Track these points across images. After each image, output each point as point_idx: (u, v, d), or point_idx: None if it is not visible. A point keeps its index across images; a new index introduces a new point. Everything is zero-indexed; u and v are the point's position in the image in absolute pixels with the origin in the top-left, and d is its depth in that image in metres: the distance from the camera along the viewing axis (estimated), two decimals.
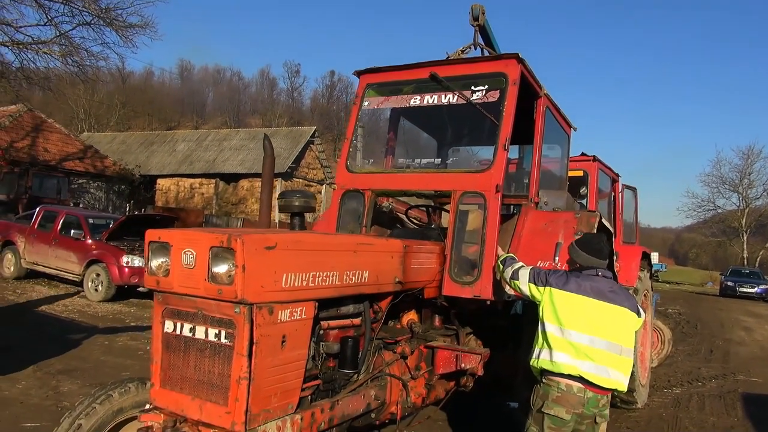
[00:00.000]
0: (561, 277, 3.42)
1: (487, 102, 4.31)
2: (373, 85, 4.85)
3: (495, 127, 4.23)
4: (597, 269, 3.44)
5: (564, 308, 3.31)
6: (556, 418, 3.21)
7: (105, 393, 3.12)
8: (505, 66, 4.30)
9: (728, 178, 47.87)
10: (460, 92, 4.37)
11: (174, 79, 77.50)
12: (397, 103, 4.80)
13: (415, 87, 4.63)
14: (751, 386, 8.23)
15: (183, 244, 2.62)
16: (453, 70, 4.50)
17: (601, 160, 7.03)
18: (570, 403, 3.21)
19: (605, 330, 3.26)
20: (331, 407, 3.09)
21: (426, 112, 4.90)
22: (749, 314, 19.14)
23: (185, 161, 33.83)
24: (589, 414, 3.24)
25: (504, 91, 4.23)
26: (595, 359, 3.21)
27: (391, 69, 4.75)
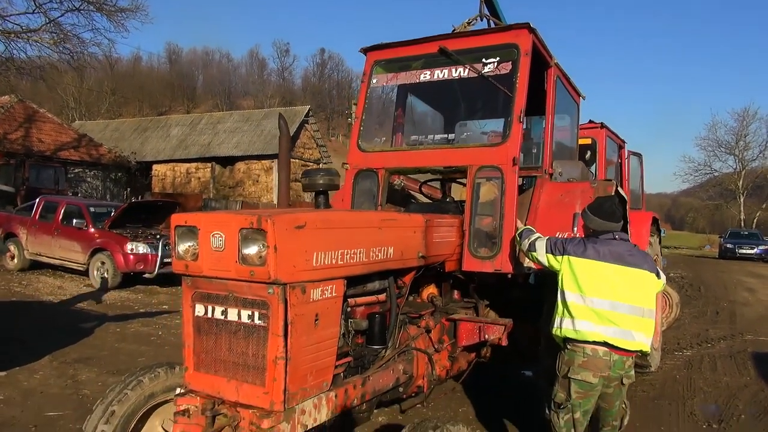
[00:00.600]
0: (578, 244, 3.41)
1: (499, 74, 4.24)
2: (381, 62, 4.77)
3: (507, 99, 4.17)
4: (613, 233, 3.43)
5: (584, 275, 3.31)
6: (583, 382, 3.25)
7: (136, 379, 3.13)
8: (516, 37, 4.23)
9: (724, 141, 48.01)
10: (472, 65, 4.29)
11: (162, 63, 76.70)
12: (406, 79, 4.72)
13: (424, 62, 4.55)
14: (760, 346, 8.32)
15: (211, 227, 2.59)
16: (462, 43, 4.42)
17: (609, 127, 7.00)
18: (597, 367, 3.24)
19: (627, 293, 3.27)
20: (362, 383, 3.10)
21: (434, 88, 4.82)
22: (751, 275, 19.30)
23: (180, 146, 33.62)
24: (615, 376, 3.28)
25: (516, 63, 4.17)
26: (619, 323, 3.23)
27: (399, 45, 4.67)
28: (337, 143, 67.88)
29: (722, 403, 5.64)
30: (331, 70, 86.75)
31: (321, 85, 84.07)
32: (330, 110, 77.81)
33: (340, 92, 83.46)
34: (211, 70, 79.23)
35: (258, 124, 33.33)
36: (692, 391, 6.01)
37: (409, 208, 4.63)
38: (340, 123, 73.81)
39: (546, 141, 4.55)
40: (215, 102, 69.80)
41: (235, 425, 2.56)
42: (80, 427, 4.36)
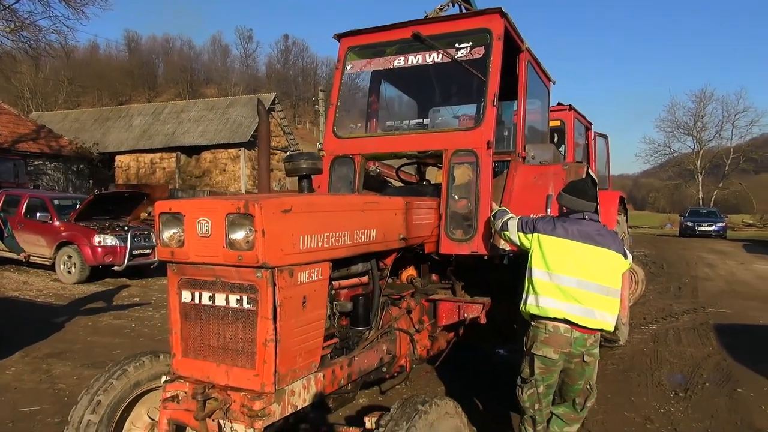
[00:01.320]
0: (548, 222, 3.51)
1: (472, 59, 4.30)
2: (355, 48, 4.77)
3: (481, 83, 4.23)
4: (584, 213, 3.52)
5: (552, 253, 3.40)
6: (545, 358, 3.37)
7: (120, 368, 3.12)
8: (488, 21, 4.28)
9: (683, 122, 49.48)
10: (445, 50, 4.34)
11: (121, 51, 74.66)
12: (380, 65, 4.74)
13: (398, 48, 4.58)
14: (721, 318, 8.68)
15: (197, 213, 2.60)
16: (436, 29, 4.45)
17: (577, 109, 7.15)
18: (558, 344, 3.35)
19: (593, 272, 3.36)
20: (349, 363, 3.16)
21: (408, 73, 4.86)
22: (711, 251, 20.00)
23: (143, 136, 32.93)
24: (576, 353, 3.39)
25: (489, 47, 4.22)
26: (583, 301, 3.32)
27: (372, 30, 4.68)
28: (304, 130, 67.35)
29: (687, 372, 5.90)
30: (296, 57, 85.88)
31: (286, 72, 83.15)
32: (296, 97, 77.02)
33: (305, 79, 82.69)
34: (172, 58, 77.46)
35: (223, 113, 32.83)
36: (659, 362, 6.26)
37: (387, 192, 4.68)
38: (306, 110, 73.19)
39: (519, 125, 4.65)
40: (178, 90, 68.35)
41: (226, 408, 2.58)
42: (59, 420, 4.38)
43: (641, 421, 4.60)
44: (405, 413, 2.57)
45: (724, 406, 4.94)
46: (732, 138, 48.59)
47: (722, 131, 48.68)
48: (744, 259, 17.89)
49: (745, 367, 6.01)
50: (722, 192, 49.03)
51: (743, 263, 16.56)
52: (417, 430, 2.50)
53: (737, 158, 48.22)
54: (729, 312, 9.17)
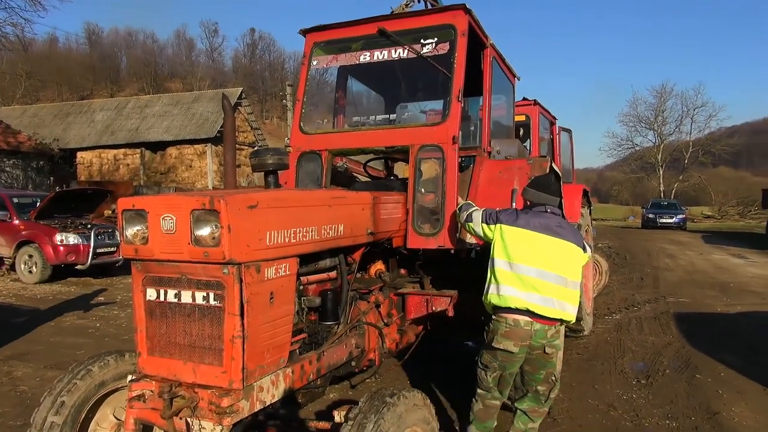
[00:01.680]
0: (511, 214, 3.58)
1: (437, 55, 4.33)
2: (320, 43, 4.76)
3: (446, 79, 4.27)
4: (546, 206, 3.60)
5: (513, 243, 3.47)
6: (505, 351, 3.43)
7: (85, 368, 3.07)
8: (453, 17, 4.32)
9: (644, 117, 50.74)
10: (410, 46, 4.36)
11: (81, 45, 72.73)
12: (346, 60, 4.73)
13: (363, 43, 4.57)
14: (680, 306, 8.96)
15: (161, 210, 2.57)
16: (401, 24, 4.46)
17: (542, 104, 7.26)
18: (519, 337, 3.40)
19: (552, 263, 3.43)
20: (317, 358, 3.17)
21: (375, 69, 4.86)
22: (671, 242, 20.59)
23: (106, 132, 32.19)
24: (537, 345, 3.45)
25: (454, 43, 4.26)
26: (542, 291, 3.39)
27: (338, 26, 4.67)
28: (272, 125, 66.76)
29: (649, 360, 6.08)
30: (263, 51, 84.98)
31: (252, 67, 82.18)
32: (263, 92, 76.23)
33: (272, 73, 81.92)
34: (135, 52, 75.75)
35: (188, 108, 32.31)
36: (622, 351, 6.43)
37: (355, 187, 4.69)
38: (274, 105, 72.53)
39: (484, 120, 4.69)
40: (141, 85, 66.95)
41: (193, 406, 2.56)
42: (21, 423, 4.29)
43: (605, 408, 4.73)
44: (373, 406, 2.60)
45: (684, 392, 5.11)
46: (691, 132, 50.13)
47: (682, 125, 50.19)
48: (703, 249, 18.46)
49: (703, 354, 6.22)
50: (682, 185, 50.43)
51: (702, 254, 17.09)
52: (385, 422, 2.53)
53: (696, 152, 49.63)
54: (688, 301, 9.46)
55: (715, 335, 7.11)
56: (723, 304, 9.24)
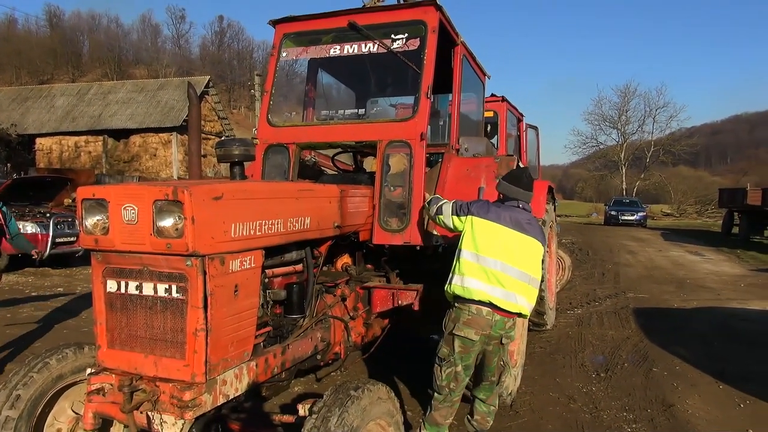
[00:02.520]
0: (483, 206, 3.60)
1: (407, 50, 4.31)
2: (290, 35, 4.70)
3: (416, 75, 4.26)
4: (519, 201, 3.63)
5: (482, 235, 3.49)
6: (465, 338, 3.46)
7: (42, 361, 3.01)
8: (423, 13, 4.31)
9: (608, 116, 51.78)
10: (381, 41, 4.34)
11: (42, 27, 70.35)
12: (316, 53, 4.68)
13: (334, 36, 4.53)
14: (639, 302, 9.21)
15: (122, 200, 2.51)
16: (372, 18, 4.43)
17: (509, 101, 7.33)
18: (479, 325, 3.45)
19: (518, 259, 3.48)
20: (282, 352, 3.15)
21: (345, 63, 4.83)
22: (632, 239, 21.11)
23: (67, 118, 31.23)
24: (495, 335, 3.51)
25: (424, 39, 4.25)
26: (506, 285, 3.44)
27: (308, 18, 4.62)
28: (239, 115, 65.83)
29: (608, 354, 6.24)
30: (231, 39, 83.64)
31: (221, 55, 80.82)
32: (231, 81, 75.05)
33: (241, 62, 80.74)
34: (98, 36, 73.64)
35: (154, 95, 31.58)
36: (583, 345, 6.58)
37: (323, 179, 4.67)
38: (242, 94, 71.53)
39: (453, 118, 4.70)
40: (104, 71, 65.13)
41: (155, 400, 2.52)
42: None
43: (565, 401, 4.84)
44: (338, 399, 2.60)
45: (641, 385, 5.26)
46: (653, 132, 51.39)
47: (644, 125, 51.43)
48: (662, 246, 18.98)
49: (659, 348, 6.41)
50: (644, 183, 51.69)
51: (661, 250, 17.58)
52: (350, 415, 2.53)
53: (657, 151, 50.93)
54: (647, 296, 9.73)
55: (671, 330, 7.33)
56: (680, 299, 9.52)
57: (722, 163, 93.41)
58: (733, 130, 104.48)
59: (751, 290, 10.57)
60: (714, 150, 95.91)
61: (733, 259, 15.63)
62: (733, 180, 52.01)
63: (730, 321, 7.90)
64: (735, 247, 18.25)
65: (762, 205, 19.12)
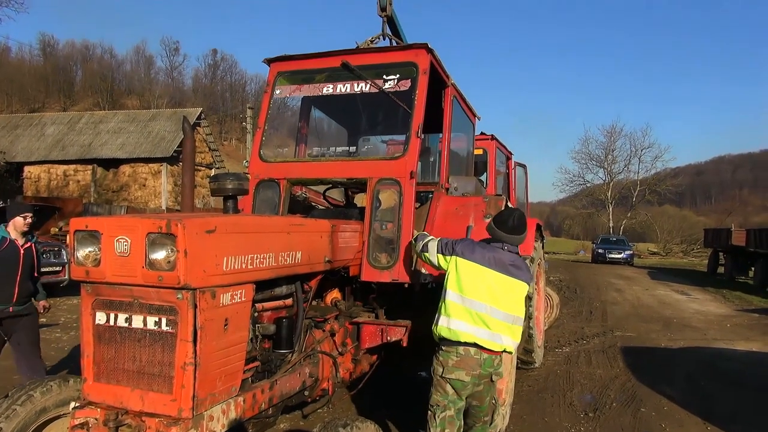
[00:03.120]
0: (468, 245, 3.60)
1: (398, 91, 4.42)
2: (285, 73, 4.80)
3: (407, 115, 4.35)
4: (504, 244, 3.61)
5: (467, 277, 3.49)
6: (457, 381, 3.43)
7: (25, 393, 2.96)
8: (415, 56, 4.43)
9: (595, 155, 52.52)
10: (373, 81, 4.44)
11: (35, 56, 70.63)
12: (309, 91, 4.79)
13: (327, 75, 4.63)
14: (627, 340, 9.21)
15: (115, 232, 2.52)
16: (364, 59, 4.55)
17: (499, 139, 7.46)
18: (469, 366, 3.43)
19: (502, 301, 3.49)
20: (270, 387, 3.13)
21: (338, 101, 4.92)
22: (619, 277, 21.20)
23: (57, 146, 31.19)
24: (485, 374, 3.49)
25: (415, 81, 4.35)
26: (491, 327, 3.44)
27: (303, 57, 4.73)
28: (230, 147, 66.08)
29: (596, 393, 6.21)
30: (224, 72, 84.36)
31: (213, 87, 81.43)
32: (222, 113, 75.44)
33: (233, 95, 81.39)
34: (91, 66, 73.96)
35: (145, 126, 31.69)
36: (571, 383, 6.55)
37: (314, 214, 4.70)
38: (233, 126, 71.87)
39: (443, 157, 4.78)
40: (96, 100, 65.26)
41: None
42: None
43: None
44: None
45: (629, 425, 5.23)
46: (638, 171, 52.10)
47: (630, 165, 52.12)
48: (648, 285, 19.07)
49: (647, 387, 6.39)
50: (630, 221, 52.18)
51: (647, 289, 17.65)
52: None
53: (643, 190, 51.58)
54: (634, 335, 9.74)
55: (658, 369, 7.33)
56: (666, 338, 9.54)
57: (707, 202, 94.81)
58: (716, 170, 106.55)
59: (737, 330, 10.62)
60: (698, 190, 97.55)
61: (718, 298, 15.73)
62: (717, 220, 52.66)
63: (717, 361, 7.92)
64: (721, 287, 18.37)
65: (746, 245, 19.32)
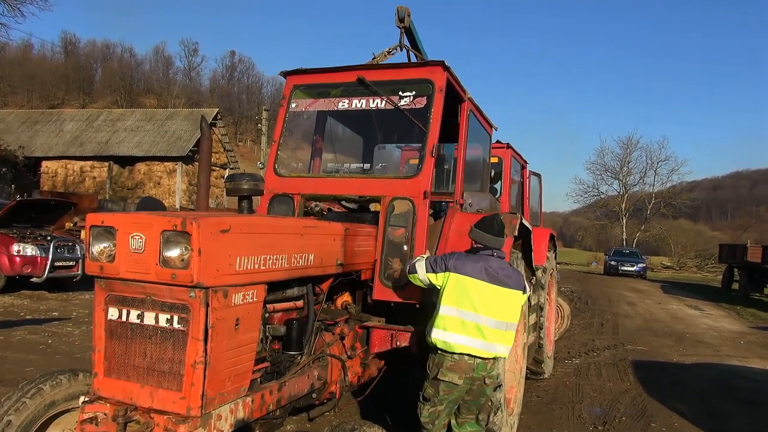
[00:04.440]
0: (460, 259, 3.65)
1: (414, 108, 4.38)
2: (301, 86, 4.80)
3: (422, 132, 4.32)
4: (493, 250, 3.70)
5: (462, 291, 3.58)
6: (449, 383, 3.58)
7: (35, 386, 2.97)
8: (431, 73, 4.38)
9: (610, 166, 52.12)
10: (388, 97, 4.40)
11: (57, 53, 71.60)
12: (324, 105, 4.78)
13: (343, 90, 4.61)
14: (638, 354, 9.11)
15: (131, 228, 2.54)
16: (380, 75, 4.52)
17: (514, 148, 7.42)
18: (462, 370, 3.57)
19: (495, 310, 3.59)
20: (278, 388, 3.13)
21: (354, 114, 4.90)
22: (631, 290, 21.01)
23: (74, 142, 31.55)
24: (478, 377, 3.63)
25: (431, 98, 4.31)
26: (486, 337, 3.56)
27: (319, 71, 4.73)
28: (245, 148, 66.51)
29: (606, 406, 6.14)
30: (241, 74, 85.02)
31: (230, 88, 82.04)
32: (238, 114, 76.03)
33: (249, 96, 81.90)
34: (111, 64, 74.87)
35: (162, 124, 31.98)
36: (580, 396, 6.49)
37: (327, 217, 4.69)
38: (248, 128, 72.40)
39: (458, 172, 4.71)
40: (114, 98, 65.99)
41: (148, 431, 2.50)
42: None
43: None
44: None
45: None
46: (654, 184, 51.63)
47: (645, 177, 51.65)
48: (661, 299, 18.88)
49: (658, 403, 6.31)
50: (644, 234, 51.67)
51: (660, 303, 17.48)
52: None
53: (658, 203, 51.10)
54: (645, 349, 9.63)
55: (670, 384, 7.24)
56: (678, 353, 9.43)
57: (723, 218, 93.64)
58: (733, 186, 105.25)
59: (751, 348, 10.47)
60: (714, 205, 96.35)
61: (732, 315, 15.52)
62: (733, 236, 52.00)
63: (730, 378, 7.81)
64: (735, 303, 18.13)
65: (762, 262, 19.07)
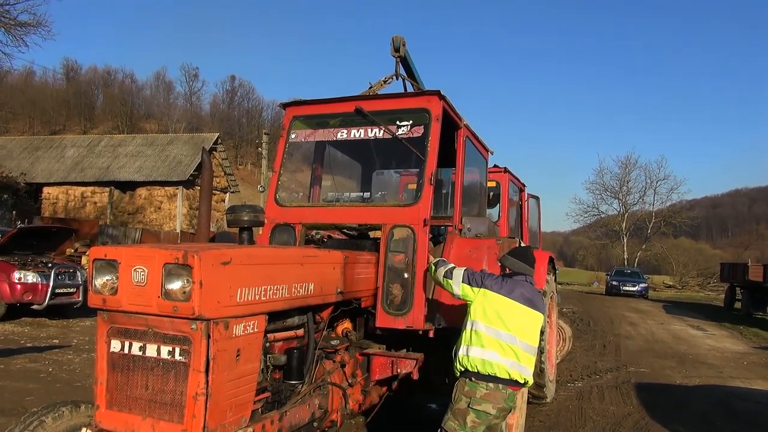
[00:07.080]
0: (496, 280, 3.74)
1: (412, 137, 4.47)
2: (300, 117, 4.90)
3: (419, 161, 4.40)
4: (526, 276, 3.82)
5: (496, 309, 3.63)
6: (482, 413, 3.53)
7: (37, 419, 2.97)
8: (428, 102, 4.49)
9: (609, 186, 52.18)
10: (386, 127, 4.50)
11: (58, 80, 72.35)
12: (324, 136, 4.89)
13: (341, 120, 4.71)
14: (641, 376, 9.06)
15: (133, 261, 2.58)
16: (378, 105, 4.64)
17: (511, 172, 7.50)
18: (497, 399, 3.55)
19: (525, 332, 3.65)
20: (279, 418, 3.13)
21: (352, 142, 4.98)
22: (633, 311, 20.93)
23: (75, 168, 31.68)
24: (507, 407, 3.64)
25: (428, 127, 4.41)
26: (520, 358, 3.59)
27: (317, 102, 4.84)
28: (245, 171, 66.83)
29: (609, 430, 6.10)
30: (241, 98, 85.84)
31: (230, 112, 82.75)
32: (238, 138, 76.56)
33: (249, 120, 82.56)
34: (112, 90, 75.63)
35: (163, 149, 32.15)
36: (583, 420, 6.45)
37: (326, 244, 4.73)
38: (248, 151, 72.85)
39: (456, 198, 4.79)
40: (115, 123, 66.61)
41: None
42: None
43: None
44: None
45: None
46: (654, 203, 51.67)
47: (645, 196, 51.71)
48: (663, 319, 18.80)
49: (661, 426, 6.28)
50: (645, 253, 51.59)
51: (662, 323, 17.40)
52: None
53: (658, 222, 51.10)
54: (648, 371, 9.59)
55: (672, 407, 7.20)
56: (681, 375, 9.38)
57: (723, 236, 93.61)
58: (732, 203, 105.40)
59: (754, 369, 10.42)
60: (714, 222, 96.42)
61: (735, 335, 15.45)
62: (734, 254, 51.92)
63: (733, 400, 7.77)
64: (737, 323, 18.05)
65: (763, 281, 18.99)
